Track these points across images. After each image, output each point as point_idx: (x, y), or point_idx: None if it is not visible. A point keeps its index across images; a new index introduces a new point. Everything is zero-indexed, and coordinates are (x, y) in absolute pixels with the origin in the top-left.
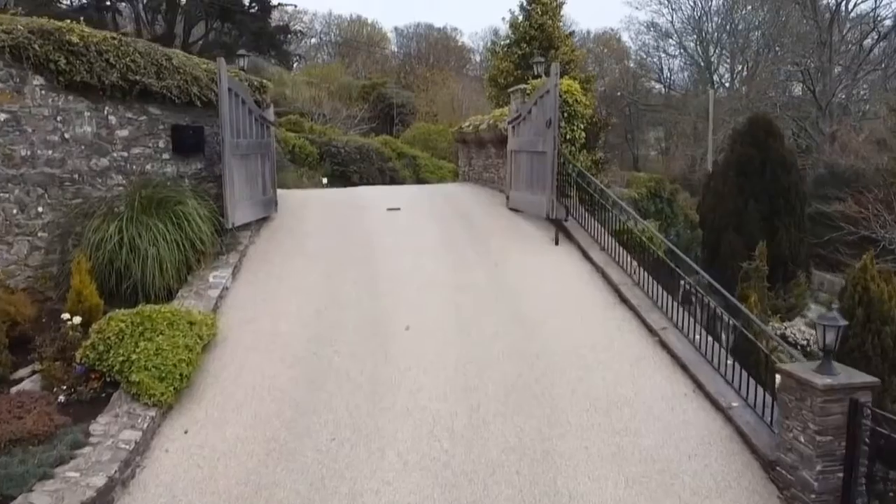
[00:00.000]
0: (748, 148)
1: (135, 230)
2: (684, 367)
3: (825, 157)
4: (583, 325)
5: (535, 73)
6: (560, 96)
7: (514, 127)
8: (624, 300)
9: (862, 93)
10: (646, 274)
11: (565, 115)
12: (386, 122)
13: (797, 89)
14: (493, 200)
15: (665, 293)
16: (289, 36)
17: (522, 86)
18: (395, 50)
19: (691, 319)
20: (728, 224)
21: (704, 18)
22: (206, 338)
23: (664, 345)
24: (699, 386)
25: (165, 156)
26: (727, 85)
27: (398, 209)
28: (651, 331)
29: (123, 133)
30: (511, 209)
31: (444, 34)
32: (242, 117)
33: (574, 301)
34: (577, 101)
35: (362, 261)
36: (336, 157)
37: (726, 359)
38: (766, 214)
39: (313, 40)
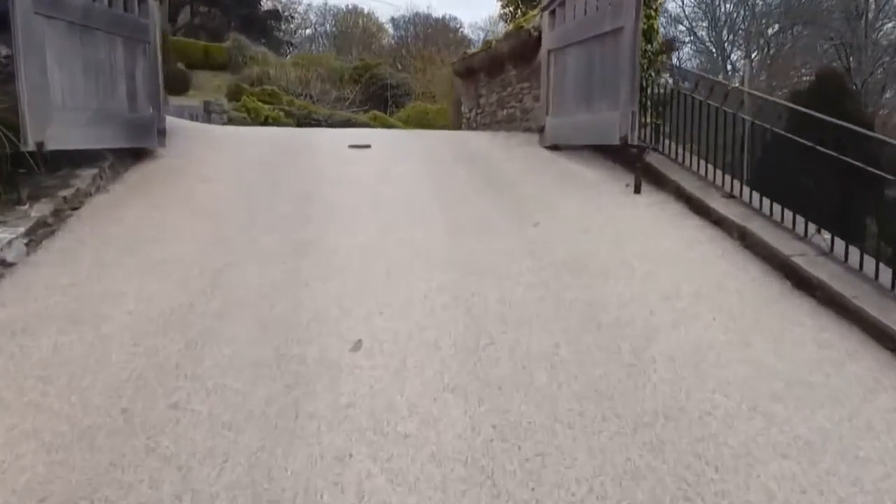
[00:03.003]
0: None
1: None
2: None
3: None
4: (744, 344)
5: None
6: None
7: (552, 13)
8: (806, 284)
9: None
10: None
11: None
12: (379, 104)
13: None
14: (517, 141)
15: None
16: (281, 23)
17: None
18: (393, 42)
19: None
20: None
21: (718, 1)
22: None
23: None
24: None
25: None
26: (740, 72)
27: (368, 147)
28: None
29: None
30: (549, 148)
31: (444, 24)
32: None
33: (702, 290)
34: None
35: (295, 220)
36: None
37: None
38: (838, 196)
39: (308, 31)
